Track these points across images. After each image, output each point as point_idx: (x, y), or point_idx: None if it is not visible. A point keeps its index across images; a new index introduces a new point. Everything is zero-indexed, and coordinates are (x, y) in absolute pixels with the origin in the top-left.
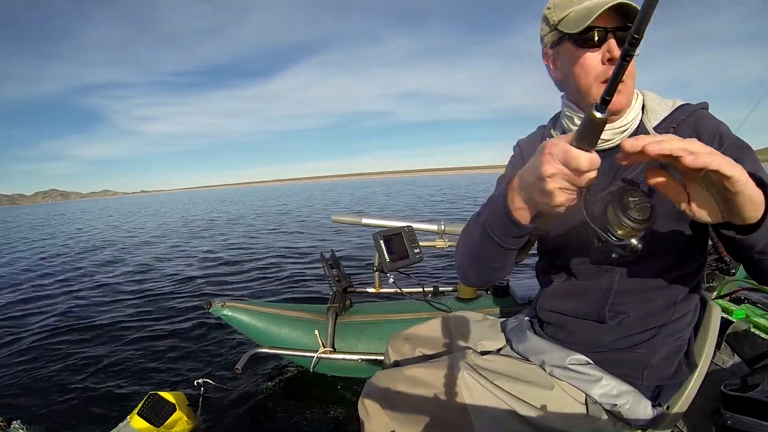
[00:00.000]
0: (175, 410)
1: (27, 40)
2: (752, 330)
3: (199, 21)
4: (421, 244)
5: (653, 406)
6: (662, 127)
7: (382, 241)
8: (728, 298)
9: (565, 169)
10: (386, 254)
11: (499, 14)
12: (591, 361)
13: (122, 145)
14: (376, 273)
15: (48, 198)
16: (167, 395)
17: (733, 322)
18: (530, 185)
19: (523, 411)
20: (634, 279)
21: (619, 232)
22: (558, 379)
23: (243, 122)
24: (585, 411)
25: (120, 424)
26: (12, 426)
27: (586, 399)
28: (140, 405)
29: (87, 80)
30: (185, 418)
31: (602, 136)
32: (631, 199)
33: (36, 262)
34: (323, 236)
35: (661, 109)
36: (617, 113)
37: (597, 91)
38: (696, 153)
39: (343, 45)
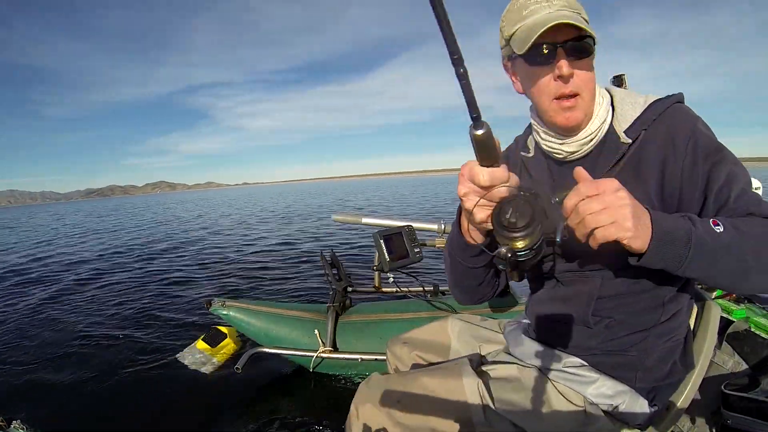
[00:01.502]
0: (226, 338)
1: (137, 48)
2: (752, 330)
3: (295, 21)
4: (421, 243)
5: (650, 405)
6: (634, 130)
7: (382, 241)
8: (728, 297)
9: (475, 187)
10: (386, 253)
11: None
12: (586, 363)
13: (225, 140)
14: (376, 272)
15: (157, 189)
16: (223, 329)
17: (734, 321)
18: (460, 206)
19: (525, 417)
20: (617, 283)
21: (505, 243)
22: (555, 381)
23: (341, 117)
24: (583, 412)
25: (189, 346)
26: (12, 426)
27: (583, 400)
28: (204, 334)
29: (191, 81)
30: (232, 343)
31: (568, 149)
32: (506, 208)
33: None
34: (334, 234)
35: (631, 109)
36: (572, 129)
37: (552, 107)
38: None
39: (438, 39)
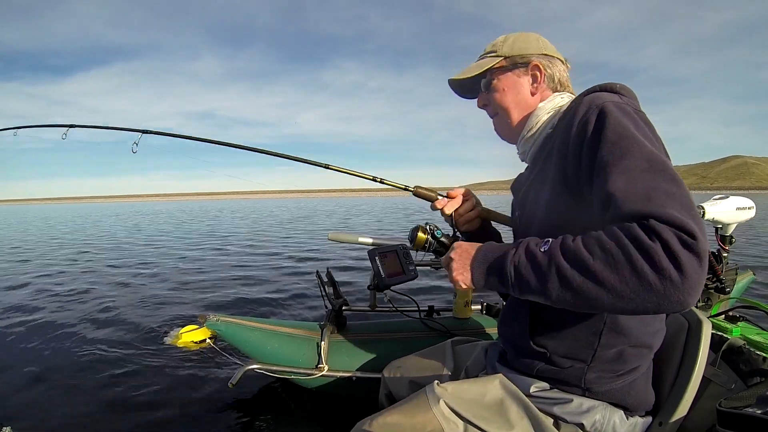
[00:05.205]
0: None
1: None
2: (747, 347)
3: None
4: (416, 263)
5: (628, 414)
6: (552, 122)
7: (377, 258)
8: (723, 316)
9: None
10: (381, 271)
11: (316, 49)
12: (552, 386)
13: None
14: (372, 291)
15: None
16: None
17: (729, 339)
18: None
19: None
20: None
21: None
22: (527, 405)
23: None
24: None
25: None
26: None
27: (556, 422)
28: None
29: None
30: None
31: (519, 151)
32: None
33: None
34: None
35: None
36: (506, 138)
37: None
38: None
39: (160, 55)
